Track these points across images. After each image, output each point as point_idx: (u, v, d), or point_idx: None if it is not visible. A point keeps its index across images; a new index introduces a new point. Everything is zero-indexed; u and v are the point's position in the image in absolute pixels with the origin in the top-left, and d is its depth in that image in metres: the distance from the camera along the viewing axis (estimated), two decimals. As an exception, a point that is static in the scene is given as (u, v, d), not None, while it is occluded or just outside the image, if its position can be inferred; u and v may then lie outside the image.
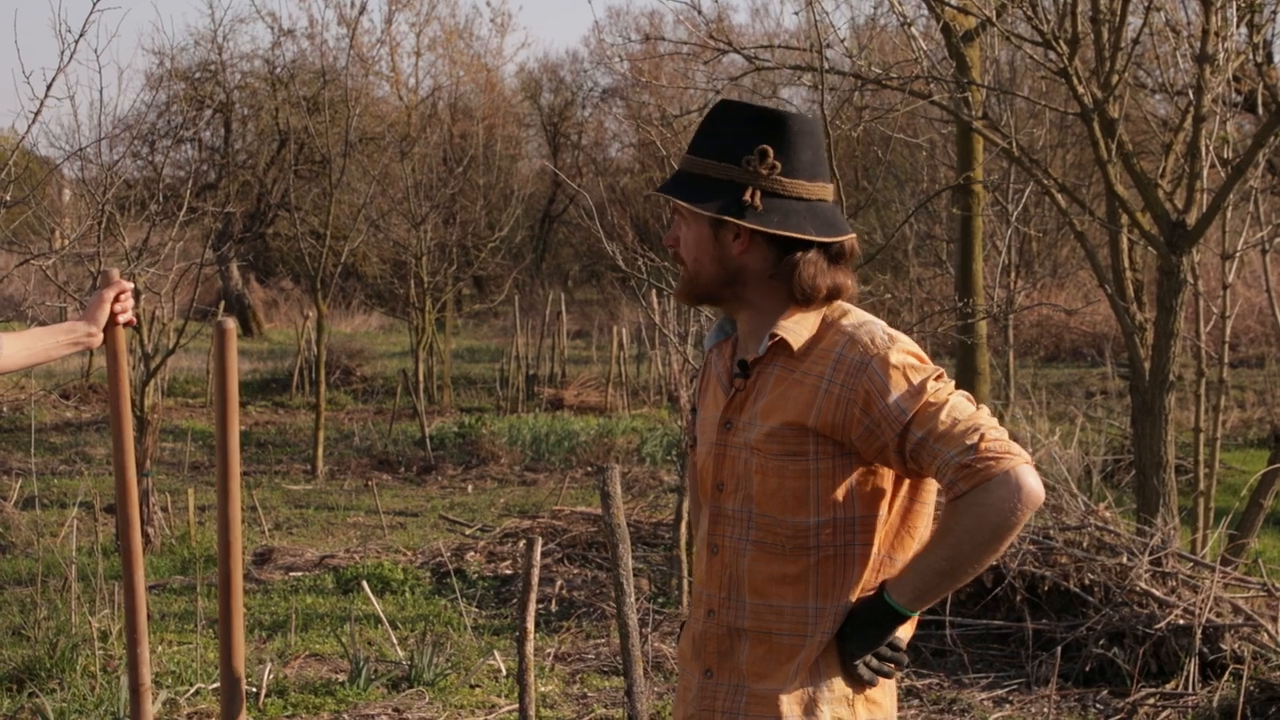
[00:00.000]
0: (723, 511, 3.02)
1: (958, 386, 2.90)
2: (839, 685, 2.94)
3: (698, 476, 3.16)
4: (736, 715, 2.97)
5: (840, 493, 2.90)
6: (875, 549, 2.93)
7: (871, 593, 2.92)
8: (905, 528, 2.97)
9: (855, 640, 2.91)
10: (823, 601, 2.92)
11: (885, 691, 3.01)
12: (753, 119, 2.95)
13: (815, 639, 2.92)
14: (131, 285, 3.87)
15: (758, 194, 2.92)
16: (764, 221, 2.91)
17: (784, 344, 2.95)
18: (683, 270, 3.06)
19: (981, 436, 2.77)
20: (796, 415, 2.89)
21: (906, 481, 2.95)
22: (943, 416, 2.80)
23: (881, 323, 2.97)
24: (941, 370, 2.89)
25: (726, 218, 2.91)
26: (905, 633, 2.99)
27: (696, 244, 2.98)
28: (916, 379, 2.84)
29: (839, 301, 3.01)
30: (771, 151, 2.93)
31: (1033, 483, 2.76)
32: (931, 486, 2.98)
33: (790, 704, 2.92)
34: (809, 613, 2.93)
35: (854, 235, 3.02)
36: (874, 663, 2.94)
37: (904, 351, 2.88)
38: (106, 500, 10.27)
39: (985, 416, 2.82)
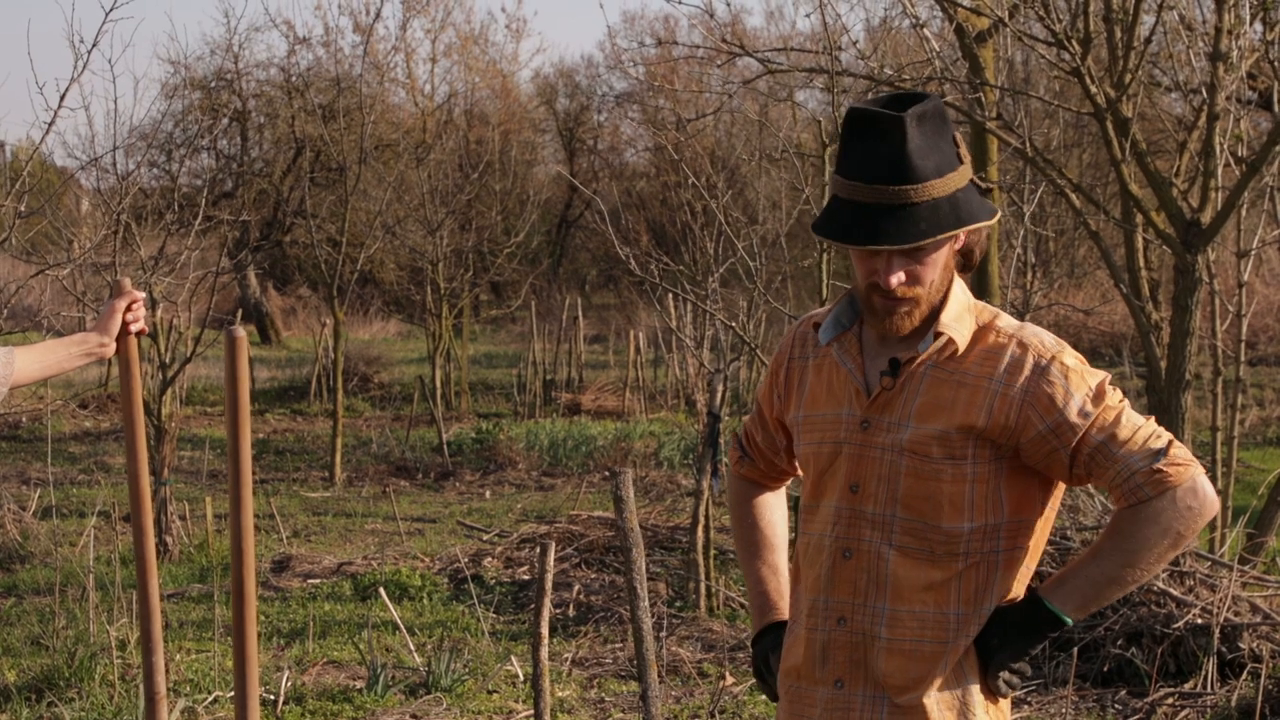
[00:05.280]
0: (861, 514, 2.87)
1: None
2: (979, 691, 2.84)
3: (814, 473, 2.97)
4: None
5: (995, 498, 2.81)
6: (1027, 554, 2.85)
7: (1018, 600, 2.83)
8: (1043, 534, 2.89)
9: (1005, 649, 2.81)
10: (965, 608, 2.82)
11: (1005, 710, 2.93)
12: (936, 115, 2.84)
13: (957, 643, 2.82)
14: (143, 294, 3.88)
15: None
16: (991, 199, 2.85)
17: (949, 343, 2.82)
18: (903, 306, 2.82)
19: (1169, 443, 2.72)
20: (965, 418, 2.78)
21: (1054, 487, 2.87)
22: (1124, 422, 2.73)
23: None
24: (1109, 374, 2.82)
25: (992, 220, 2.82)
26: None
27: (941, 268, 2.82)
28: (1094, 383, 2.76)
29: (980, 301, 2.91)
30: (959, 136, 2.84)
31: (1212, 491, 2.72)
32: (1060, 494, 2.90)
33: (941, 711, 2.81)
34: (950, 620, 2.82)
35: None
36: (1007, 674, 2.84)
37: (1074, 355, 2.80)
38: (124, 509, 10.30)
39: (1156, 424, 2.78)
